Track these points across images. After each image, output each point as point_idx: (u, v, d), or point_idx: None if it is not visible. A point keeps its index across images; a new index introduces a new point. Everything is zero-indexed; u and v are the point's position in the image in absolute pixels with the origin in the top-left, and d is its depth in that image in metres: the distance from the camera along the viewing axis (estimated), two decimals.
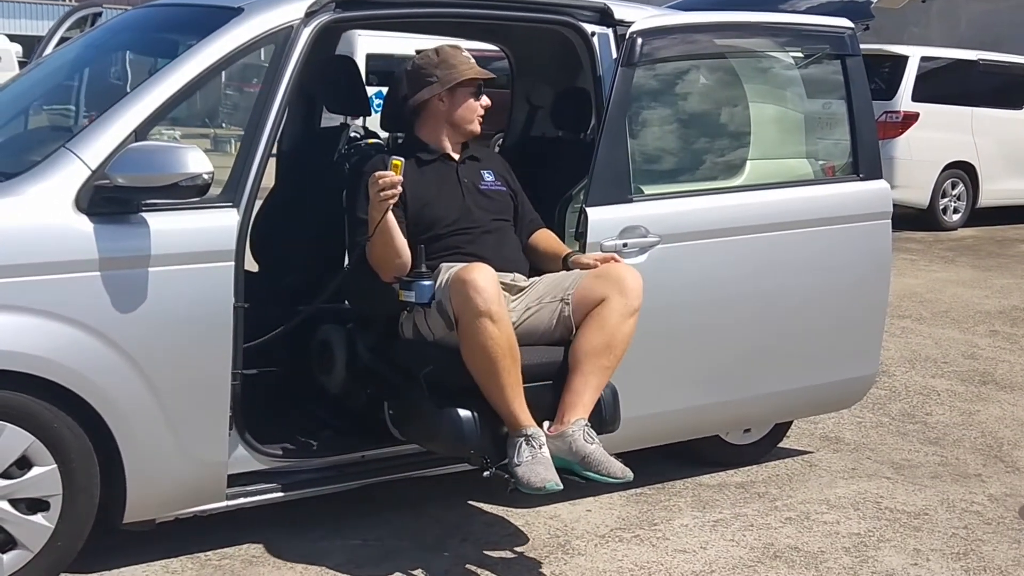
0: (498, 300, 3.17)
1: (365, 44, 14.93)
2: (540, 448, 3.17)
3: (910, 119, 11.07)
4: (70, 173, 3.01)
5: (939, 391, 5.67)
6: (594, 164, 3.69)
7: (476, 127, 3.65)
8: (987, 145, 11.74)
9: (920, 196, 11.34)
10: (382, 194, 3.20)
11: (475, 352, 3.17)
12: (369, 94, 4.42)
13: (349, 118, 4.62)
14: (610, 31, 3.89)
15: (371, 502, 3.77)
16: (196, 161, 2.98)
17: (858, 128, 4.28)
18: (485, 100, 3.65)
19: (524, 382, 3.24)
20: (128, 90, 3.26)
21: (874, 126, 4.38)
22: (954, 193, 11.78)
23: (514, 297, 3.44)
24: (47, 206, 2.98)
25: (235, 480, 3.35)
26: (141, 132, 3.09)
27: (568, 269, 3.54)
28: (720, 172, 4.23)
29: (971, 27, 16.39)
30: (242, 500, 3.37)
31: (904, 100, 11.12)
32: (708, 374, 4.00)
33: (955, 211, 11.83)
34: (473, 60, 3.65)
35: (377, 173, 3.22)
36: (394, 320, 3.48)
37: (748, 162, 4.22)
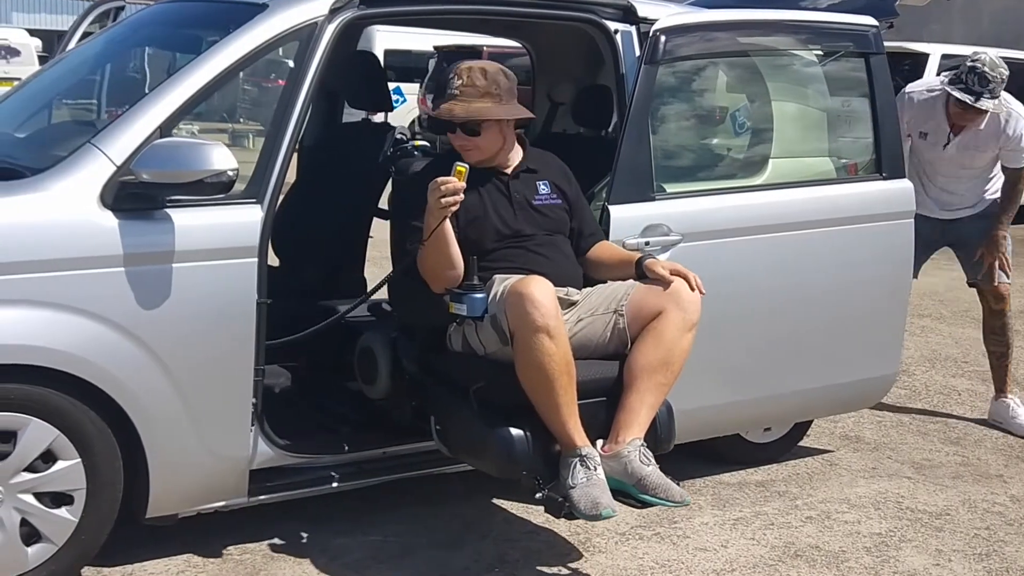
0: (556, 315, 3.05)
1: (383, 40, 14.94)
2: (595, 469, 3.05)
3: None
4: (95, 169, 3.01)
5: (960, 391, 5.64)
6: (617, 162, 3.68)
7: (470, 157, 3.33)
8: None
9: None
10: (443, 200, 3.07)
11: (531, 368, 3.05)
12: None
13: (370, 114, 4.65)
14: (633, 29, 3.87)
15: (391, 498, 3.77)
16: (221, 157, 2.99)
17: (881, 127, 4.26)
18: (471, 140, 3.34)
19: (577, 398, 3.12)
20: (152, 86, 3.27)
21: (897, 125, 4.35)
22: None
23: (566, 311, 3.26)
24: (72, 202, 2.98)
25: (256, 476, 3.36)
26: (166, 128, 3.09)
27: (642, 274, 3.36)
28: (742, 170, 4.22)
29: (993, 24, 16.28)
30: (263, 496, 3.39)
31: None
32: (729, 373, 3.99)
33: None
34: (470, 94, 3.32)
35: (439, 179, 3.08)
36: (441, 331, 3.36)
37: (770, 160, 4.20)
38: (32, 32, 25.35)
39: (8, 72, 22.12)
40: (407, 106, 16.62)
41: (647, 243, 3.70)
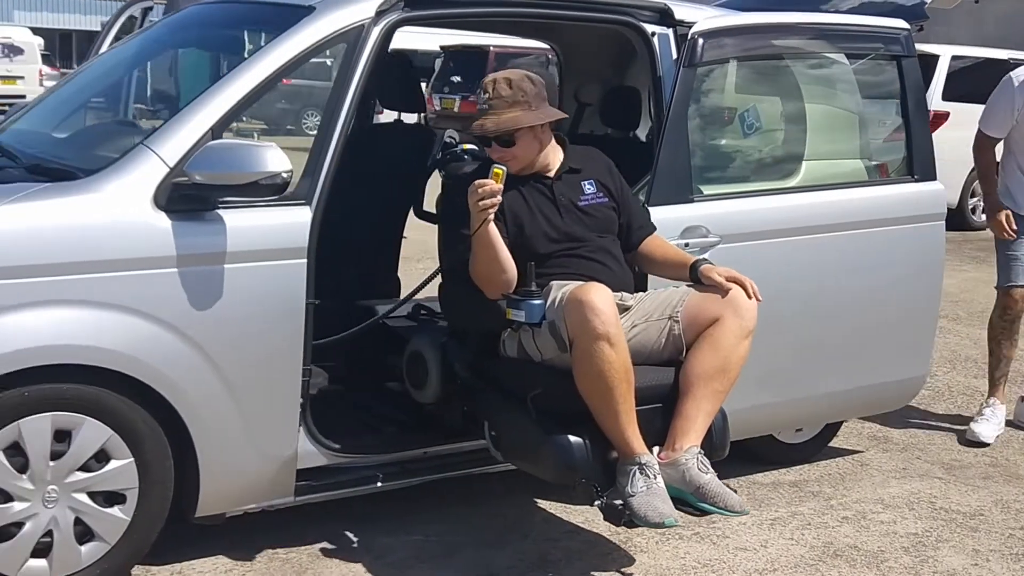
0: (616, 322, 3.03)
1: None
2: (655, 478, 3.03)
3: (940, 118, 11.02)
4: (148, 170, 3.03)
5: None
6: (656, 164, 3.71)
7: (510, 167, 3.29)
8: None
9: (949, 196, 11.31)
10: (480, 203, 3.08)
11: (591, 376, 3.03)
12: None
13: (403, 114, 4.67)
14: (670, 31, 3.89)
15: (433, 498, 3.80)
16: (276, 160, 3.01)
17: (913, 129, 4.30)
18: (506, 150, 3.32)
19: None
20: (200, 89, 3.28)
21: (928, 127, 4.39)
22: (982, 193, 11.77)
23: (620, 316, 3.18)
24: (126, 203, 3.00)
25: (302, 475, 3.38)
26: (217, 130, 3.11)
27: (696, 278, 3.36)
28: (776, 172, 4.25)
29: (997, 26, 16.34)
30: (309, 495, 3.41)
31: (935, 99, 11.06)
32: (765, 374, 4.00)
33: (983, 211, 11.81)
34: (499, 106, 3.31)
35: (477, 182, 3.10)
36: (493, 336, 3.36)
37: (804, 163, 4.23)
38: (35, 31, 25.34)
39: (11, 71, 22.13)
40: None
41: (687, 244, 3.72)
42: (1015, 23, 16.21)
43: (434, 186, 3.91)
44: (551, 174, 3.45)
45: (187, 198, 3.05)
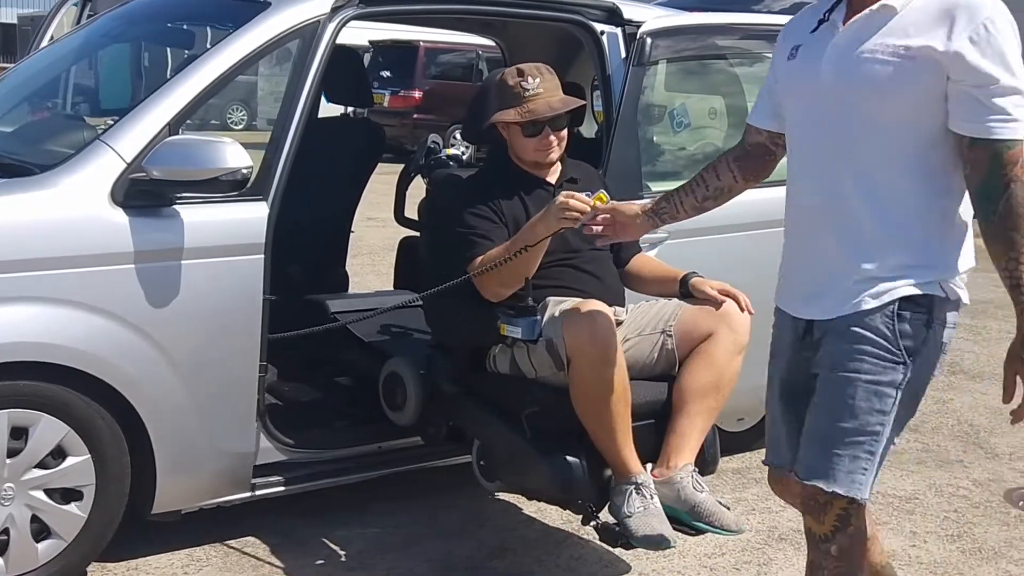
0: (615, 342, 2.96)
1: None
2: (652, 498, 2.98)
3: None
4: (105, 166, 3.02)
5: None
6: (607, 162, 3.78)
7: (539, 160, 3.31)
8: None
9: None
10: (568, 214, 2.88)
11: (588, 395, 2.97)
12: None
13: (353, 109, 4.69)
14: (619, 30, 3.96)
15: (388, 491, 3.83)
16: (235, 156, 3.02)
17: None
18: (558, 135, 3.29)
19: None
20: (155, 83, 3.26)
21: None
22: None
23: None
24: (83, 199, 2.98)
25: (258, 471, 3.39)
26: (174, 126, 3.10)
27: (687, 292, 3.28)
28: None
29: None
30: (267, 490, 3.42)
31: None
32: None
33: None
34: (550, 89, 3.29)
35: (575, 195, 2.90)
36: (479, 352, 3.28)
37: None
38: None
39: None
40: None
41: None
42: None
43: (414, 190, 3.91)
44: (553, 181, 3.38)
45: (144, 194, 3.04)
